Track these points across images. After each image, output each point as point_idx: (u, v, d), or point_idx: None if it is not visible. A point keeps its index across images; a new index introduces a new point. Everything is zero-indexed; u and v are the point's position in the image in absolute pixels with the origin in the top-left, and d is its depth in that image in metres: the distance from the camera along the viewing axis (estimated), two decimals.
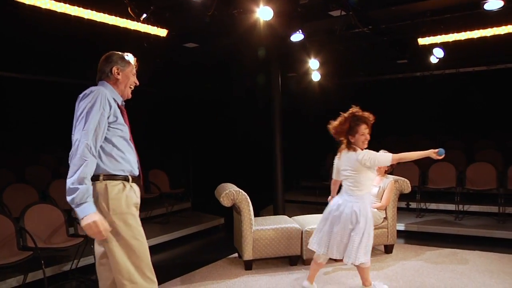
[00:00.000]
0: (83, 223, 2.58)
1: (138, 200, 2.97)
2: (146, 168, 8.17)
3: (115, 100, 2.87)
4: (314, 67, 8.24)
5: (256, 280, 4.94)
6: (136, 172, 2.95)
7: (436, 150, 3.87)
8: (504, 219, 6.99)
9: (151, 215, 7.71)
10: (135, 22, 5.78)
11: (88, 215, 2.57)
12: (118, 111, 2.86)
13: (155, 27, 6.15)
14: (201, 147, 10.18)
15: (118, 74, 2.93)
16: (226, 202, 5.24)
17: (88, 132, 2.63)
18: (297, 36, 6.80)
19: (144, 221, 7.28)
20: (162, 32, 6.32)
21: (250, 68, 8.75)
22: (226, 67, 9.31)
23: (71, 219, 5.31)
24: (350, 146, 4.23)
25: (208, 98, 10.35)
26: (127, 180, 2.85)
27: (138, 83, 3.08)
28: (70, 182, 2.57)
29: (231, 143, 10.32)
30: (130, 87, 3.03)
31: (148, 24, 5.99)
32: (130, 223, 2.82)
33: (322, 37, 7.71)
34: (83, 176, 2.57)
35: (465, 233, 6.66)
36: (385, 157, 4.13)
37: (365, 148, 4.19)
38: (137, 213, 2.92)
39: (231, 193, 5.24)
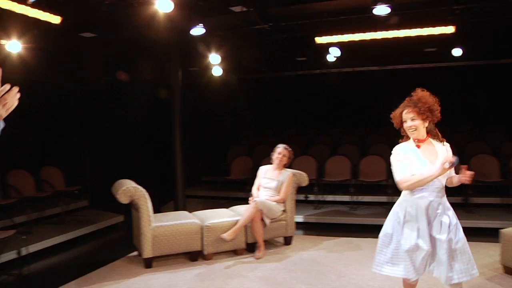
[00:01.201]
0: None
1: None
2: (39, 165, 7.68)
3: None
4: (215, 62, 8.23)
5: (157, 278, 4.83)
6: None
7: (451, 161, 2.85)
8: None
9: (44, 215, 7.22)
10: (22, 6, 5.34)
11: None
12: None
13: (47, 13, 5.75)
14: (99, 142, 9.76)
15: None
16: (123, 199, 5.06)
17: None
18: (198, 30, 6.75)
19: (37, 222, 6.85)
20: (55, 19, 5.92)
21: (150, 61, 8.53)
22: (126, 59, 8.99)
23: None
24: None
25: (107, 91, 9.93)
26: None
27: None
28: None
29: (131, 138, 10.01)
30: None
31: (38, 9, 5.57)
32: None
33: (223, 32, 7.72)
34: None
35: (359, 222, 7.05)
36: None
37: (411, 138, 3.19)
38: None
39: (128, 189, 5.07)
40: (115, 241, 6.82)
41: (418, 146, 3.13)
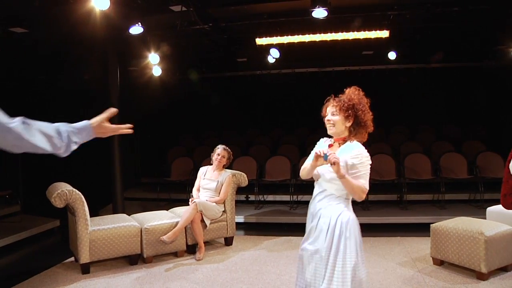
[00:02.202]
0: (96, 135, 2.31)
1: None
2: None
3: None
4: (154, 62, 8.10)
5: (94, 284, 4.69)
6: None
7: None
8: None
9: None
10: None
11: (91, 129, 2.28)
12: None
13: None
14: None
15: None
16: (58, 203, 4.87)
17: None
18: (137, 29, 6.62)
19: None
20: None
21: (86, 59, 8.26)
22: (60, 57, 8.65)
23: None
24: None
25: (39, 89, 9.51)
26: None
27: None
28: None
29: None
30: None
31: None
32: None
33: (163, 32, 7.62)
34: None
35: (298, 221, 7.15)
36: None
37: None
38: None
39: (63, 193, 4.89)
40: (51, 247, 6.55)
41: (330, 145, 2.96)
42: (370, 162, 2.82)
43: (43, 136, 2.09)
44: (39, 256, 6.09)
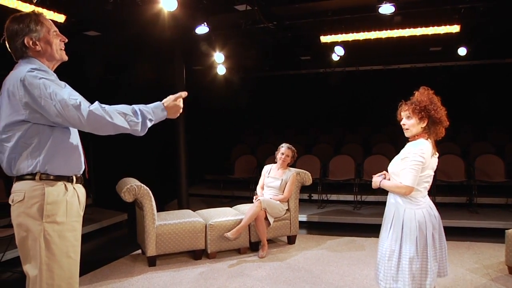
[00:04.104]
0: (168, 115, 2.49)
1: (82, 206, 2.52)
2: None
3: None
4: (219, 61, 8.23)
5: (160, 277, 4.84)
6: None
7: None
8: None
9: None
10: (27, 4, 5.36)
11: (163, 108, 2.45)
12: None
13: (51, 12, 5.76)
14: (102, 141, 9.74)
15: (35, 44, 2.35)
16: (127, 197, 5.07)
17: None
18: (202, 29, 6.74)
19: None
20: (60, 18, 5.93)
21: (154, 60, 8.53)
22: (130, 58, 9.00)
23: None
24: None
25: (108, 89, 9.92)
26: (70, 181, 2.39)
27: (66, 39, 2.52)
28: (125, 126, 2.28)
29: (135, 136, 10.00)
30: (61, 49, 2.48)
31: (43, 7, 5.58)
32: (66, 236, 2.32)
33: (227, 31, 7.73)
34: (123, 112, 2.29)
35: (362, 222, 7.04)
36: None
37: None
38: (79, 224, 2.47)
39: (132, 188, 5.07)
40: (119, 239, 6.84)
41: None
42: (419, 159, 2.95)
43: (120, 115, 2.24)
44: (108, 247, 6.37)
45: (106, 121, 2.21)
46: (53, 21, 5.65)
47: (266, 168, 6.15)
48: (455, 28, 7.14)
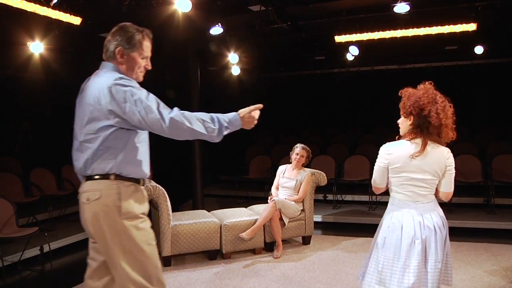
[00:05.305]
0: (243, 125, 2.63)
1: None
2: (61, 164, 7.77)
3: None
4: (233, 61, 8.25)
5: (175, 276, 4.86)
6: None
7: None
8: None
9: (66, 213, 7.31)
10: (45, 8, 5.43)
11: (239, 118, 2.57)
12: None
13: (68, 14, 5.83)
14: None
15: (122, 56, 2.54)
16: None
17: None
18: (217, 30, 6.77)
19: (58, 219, 6.93)
20: (76, 20, 5.99)
21: (169, 60, 8.58)
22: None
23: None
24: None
25: None
26: (139, 182, 2.59)
27: (150, 67, 2.69)
28: (202, 132, 2.42)
29: (149, 137, 10.08)
30: (141, 72, 2.66)
31: (59, 10, 5.65)
32: (142, 227, 2.53)
33: (242, 32, 7.73)
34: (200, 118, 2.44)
35: (378, 222, 6.94)
36: None
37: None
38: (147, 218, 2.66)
39: (148, 188, 5.10)
40: None
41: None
42: (379, 160, 2.93)
43: (199, 121, 2.39)
44: None
45: (186, 127, 2.37)
46: (68, 24, 5.76)
47: (281, 168, 6.14)
48: (471, 27, 7.04)
